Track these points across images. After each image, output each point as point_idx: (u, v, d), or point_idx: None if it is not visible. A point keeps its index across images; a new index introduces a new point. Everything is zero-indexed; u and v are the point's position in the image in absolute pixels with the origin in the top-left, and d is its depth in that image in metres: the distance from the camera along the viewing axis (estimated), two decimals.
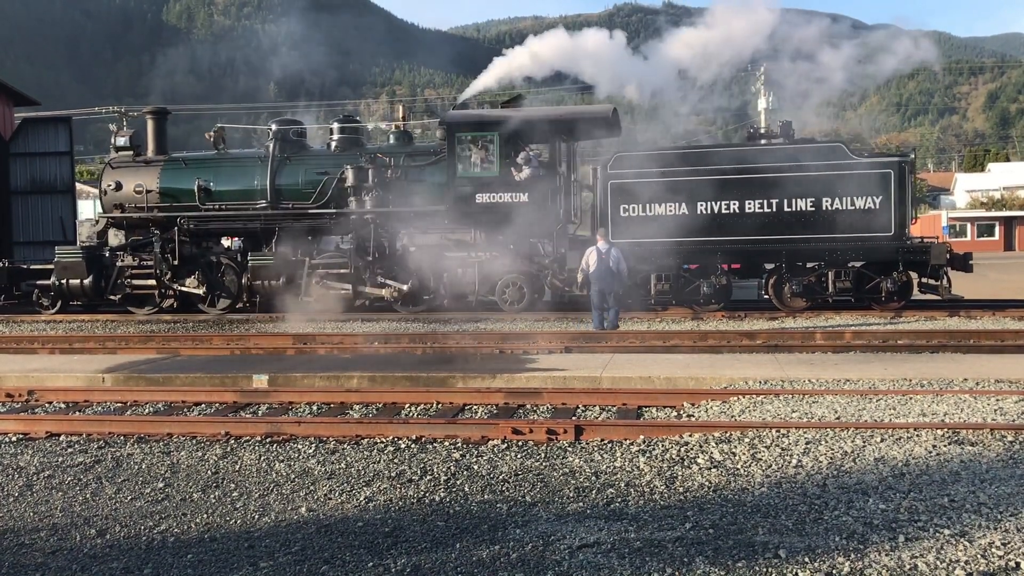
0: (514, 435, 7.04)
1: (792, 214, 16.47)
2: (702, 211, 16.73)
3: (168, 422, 7.77)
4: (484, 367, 10.49)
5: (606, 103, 19.76)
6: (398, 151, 18.87)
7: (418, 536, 4.87)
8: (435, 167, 18.29)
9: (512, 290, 17.85)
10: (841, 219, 16.30)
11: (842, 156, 16.45)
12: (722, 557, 4.36)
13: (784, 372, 9.53)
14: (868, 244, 16.38)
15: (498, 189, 17.49)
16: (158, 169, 19.67)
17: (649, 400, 8.51)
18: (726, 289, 17.01)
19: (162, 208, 19.49)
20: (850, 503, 5.11)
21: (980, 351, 11.32)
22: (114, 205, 19.82)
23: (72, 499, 5.81)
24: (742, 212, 16.61)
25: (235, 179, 19.29)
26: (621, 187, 16.99)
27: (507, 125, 17.62)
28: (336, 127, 19.68)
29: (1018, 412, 7.37)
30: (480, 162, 17.66)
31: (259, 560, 4.59)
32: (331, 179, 18.54)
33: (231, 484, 6.03)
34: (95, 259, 19.43)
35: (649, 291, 17.03)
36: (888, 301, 16.48)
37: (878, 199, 16.18)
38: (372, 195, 18.11)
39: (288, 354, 12.53)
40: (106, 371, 10.58)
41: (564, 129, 18.09)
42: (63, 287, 19.35)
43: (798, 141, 17.15)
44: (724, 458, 6.22)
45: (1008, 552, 4.31)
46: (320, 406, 8.83)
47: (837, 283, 16.51)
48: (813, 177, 16.31)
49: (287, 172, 18.99)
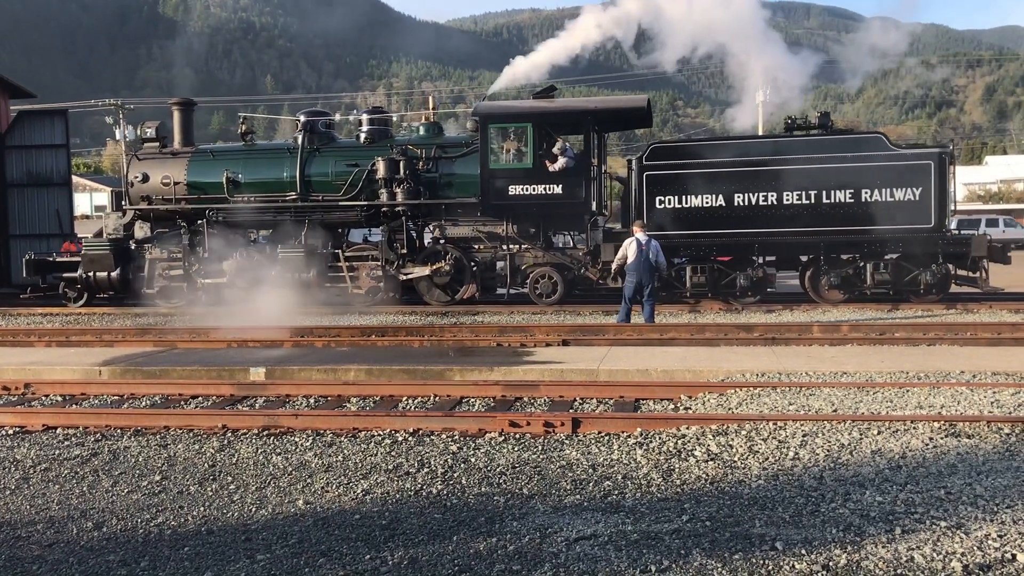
0: (511, 428, 7.04)
1: (831, 206, 16.30)
2: (739, 203, 16.57)
3: (165, 415, 7.76)
4: (482, 360, 10.49)
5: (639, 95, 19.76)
6: (429, 143, 18.58)
7: (415, 528, 4.87)
8: (466, 159, 18.08)
9: (544, 283, 17.70)
10: (880, 211, 16.17)
11: (882, 147, 16.30)
12: (719, 549, 4.37)
13: (781, 364, 9.54)
14: (908, 236, 16.20)
15: (531, 181, 17.32)
16: (185, 161, 19.45)
17: (646, 393, 8.51)
18: (763, 281, 16.94)
19: (190, 200, 19.28)
20: (847, 495, 5.12)
21: (977, 343, 11.33)
22: (141, 197, 19.61)
23: (69, 492, 5.81)
24: (780, 204, 16.44)
25: (264, 171, 19.09)
26: (657, 178, 16.86)
27: (541, 116, 17.50)
28: (365, 118, 19.47)
29: (1015, 404, 7.38)
30: (513, 154, 17.48)
31: (256, 553, 4.59)
32: (362, 171, 18.31)
33: (228, 477, 6.03)
34: (122, 251, 19.28)
35: (684, 283, 16.91)
36: (926, 293, 16.40)
37: (918, 190, 16.03)
38: (403, 187, 17.94)
39: (285, 346, 12.52)
40: (103, 364, 10.56)
41: (598, 120, 17.94)
42: (90, 280, 19.21)
43: (836, 132, 16.98)
44: (721, 450, 6.23)
45: (1004, 544, 4.31)
46: (317, 399, 8.83)
47: (875, 275, 16.40)
48: (852, 168, 16.19)
49: (317, 164, 18.76)
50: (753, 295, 16.89)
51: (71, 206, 26.10)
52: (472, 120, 18.50)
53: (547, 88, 18.59)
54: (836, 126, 17.41)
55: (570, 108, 18.49)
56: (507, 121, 17.71)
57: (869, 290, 16.72)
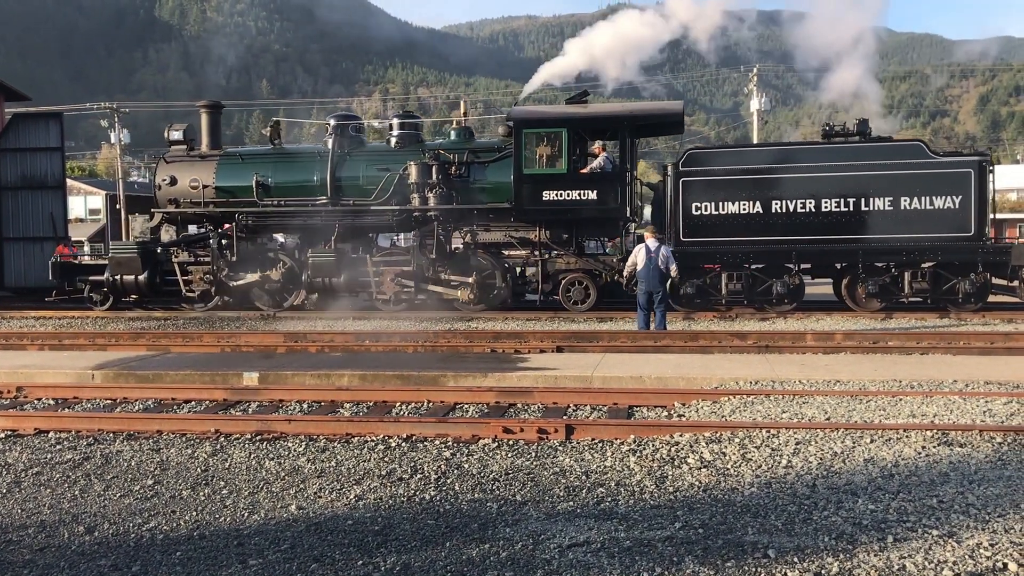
0: (505, 434, 7.03)
1: (869, 213, 16.32)
2: (777, 210, 16.59)
3: (158, 419, 7.75)
4: (476, 366, 10.49)
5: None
6: (461, 147, 18.56)
7: (408, 534, 4.86)
8: (499, 164, 18.07)
9: (577, 289, 17.71)
10: (919, 219, 16.17)
11: (921, 155, 16.30)
12: (711, 557, 4.37)
13: (774, 372, 9.55)
14: (947, 244, 16.19)
15: (566, 186, 17.30)
16: (214, 164, 19.40)
17: (640, 400, 8.52)
18: (799, 289, 16.95)
19: (218, 203, 19.25)
20: (839, 503, 5.13)
21: (970, 352, 11.37)
22: (168, 200, 19.55)
23: (60, 496, 5.79)
24: (818, 211, 16.46)
25: (294, 174, 19.04)
26: (693, 185, 16.85)
27: (577, 122, 17.48)
28: (396, 123, 19.43)
29: (1007, 413, 7.41)
30: (547, 159, 17.44)
31: (248, 558, 4.58)
32: (393, 175, 18.28)
33: (221, 482, 6.02)
34: (149, 255, 19.20)
35: (720, 290, 16.89)
36: (965, 303, 16.39)
37: (958, 198, 16.04)
38: (436, 192, 17.87)
39: (279, 352, 12.50)
40: (96, 368, 10.53)
41: (633, 126, 17.92)
42: (117, 283, 19.13)
43: (875, 139, 17.06)
44: (714, 458, 6.23)
45: (996, 553, 4.32)
46: (311, 404, 8.81)
47: (913, 284, 16.38)
48: (891, 176, 16.20)
49: (347, 167, 18.71)
50: (789, 303, 16.89)
51: (65, 209, 26.04)
52: (505, 125, 18.45)
53: (580, 93, 18.58)
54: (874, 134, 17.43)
55: (606, 114, 18.49)
56: (542, 126, 17.62)
57: (907, 299, 16.71)
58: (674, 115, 18.32)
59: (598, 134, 17.99)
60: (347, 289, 18.26)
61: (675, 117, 18.33)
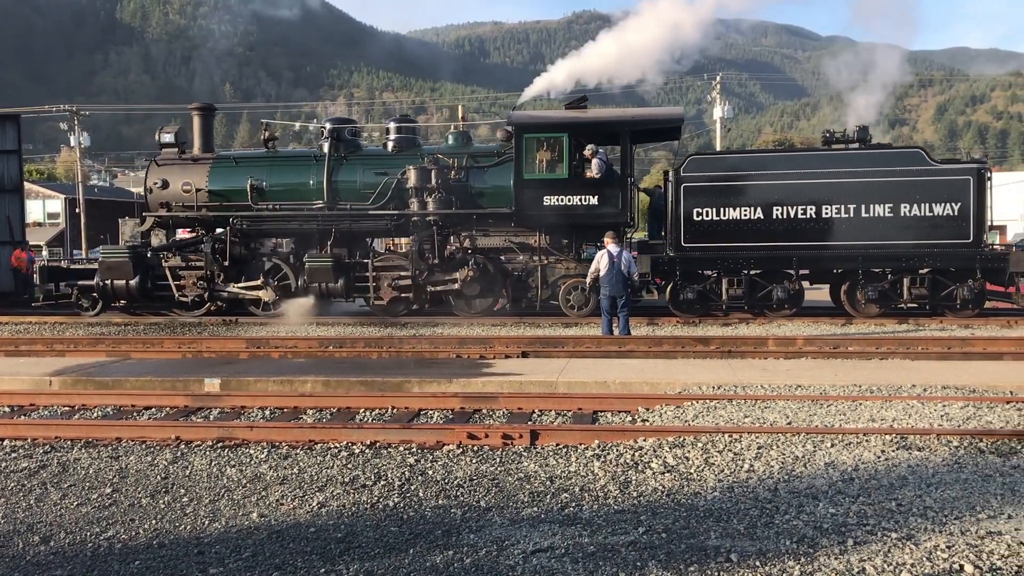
0: (469, 440, 7.02)
1: (869, 220, 16.42)
2: (778, 216, 16.64)
3: (117, 426, 7.63)
4: (441, 372, 10.46)
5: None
6: (459, 152, 18.44)
7: (371, 542, 4.83)
8: (499, 168, 17.96)
9: (577, 294, 17.64)
10: (919, 225, 16.30)
11: (921, 162, 16.41)
12: (675, 561, 4.39)
13: (737, 377, 9.63)
14: (946, 251, 16.35)
15: (566, 191, 17.25)
16: (207, 167, 19.05)
17: (604, 405, 8.55)
18: (799, 294, 17.06)
19: (212, 207, 18.91)
20: (800, 507, 5.18)
21: (928, 358, 11.55)
22: (160, 204, 19.15)
23: (15, 505, 5.67)
24: (819, 217, 16.55)
25: (289, 178, 18.75)
26: (694, 191, 16.87)
27: (577, 127, 17.46)
28: (393, 127, 19.22)
29: (963, 417, 7.53)
30: (548, 164, 17.37)
31: (208, 567, 4.52)
32: (391, 179, 18.08)
33: (181, 489, 5.94)
34: (140, 259, 18.82)
35: (720, 296, 16.95)
36: (963, 309, 16.57)
37: (957, 205, 16.20)
38: (435, 196, 17.72)
39: (241, 357, 12.38)
40: (53, 374, 10.35)
41: (633, 132, 17.93)
42: (107, 288, 18.71)
43: (875, 146, 17.15)
44: (678, 463, 6.27)
45: (952, 555, 4.39)
46: (273, 410, 8.73)
47: (912, 290, 16.55)
48: (891, 183, 16.33)
49: (344, 171, 18.48)
50: (789, 308, 17.01)
51: (23, 213, 25.53)
52: (504, 130, 18.39)
53: (579, 99, 18.59)
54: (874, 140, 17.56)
55: (608, 119, 18.51)
56: (543, 131, 17.53)
57: (906, 304, 16.89)
58: (674, 122, 18.61)
59: (599, 139, 17.98)
60: (344, 294, 18.15)
61: (675, 123, 18.61)
